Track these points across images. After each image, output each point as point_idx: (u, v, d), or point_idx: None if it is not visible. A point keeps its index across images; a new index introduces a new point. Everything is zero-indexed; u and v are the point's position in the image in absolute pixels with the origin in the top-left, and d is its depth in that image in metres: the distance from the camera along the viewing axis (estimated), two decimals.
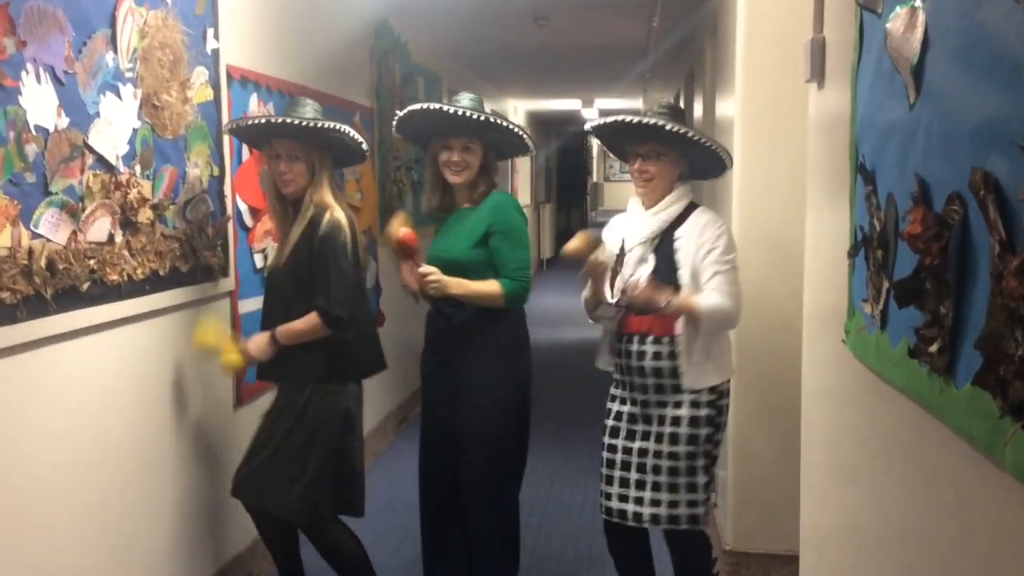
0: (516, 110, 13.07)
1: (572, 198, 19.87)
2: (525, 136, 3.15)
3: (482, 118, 2.99)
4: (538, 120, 15.97)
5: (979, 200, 1.12)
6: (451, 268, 3.01)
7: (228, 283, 3.39)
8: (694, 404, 2.85)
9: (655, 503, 2.86)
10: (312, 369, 2.98)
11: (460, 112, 2.97)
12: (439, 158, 3.10)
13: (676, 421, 2.85)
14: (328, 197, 3.00)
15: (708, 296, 2.77)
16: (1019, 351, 1.00)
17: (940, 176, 1.28)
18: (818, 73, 2.23)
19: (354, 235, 3.02)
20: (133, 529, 2.81)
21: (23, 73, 2.23)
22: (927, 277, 1.31)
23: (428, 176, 3.20)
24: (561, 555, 3.98)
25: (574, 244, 2.90)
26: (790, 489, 2.91)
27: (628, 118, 2.84)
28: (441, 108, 2.99)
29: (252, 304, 3.61)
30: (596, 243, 2.92)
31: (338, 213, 2.99)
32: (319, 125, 2.93)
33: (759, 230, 3.47)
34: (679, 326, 2.82)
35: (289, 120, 2.92)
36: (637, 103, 12.61)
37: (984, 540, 1.17)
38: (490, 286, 3.00)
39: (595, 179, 28.26)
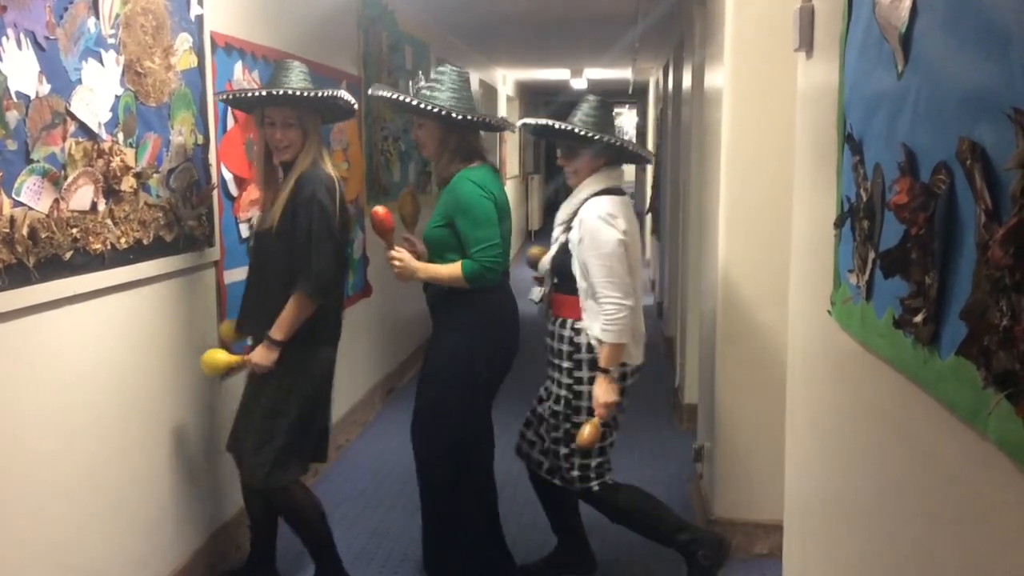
0: (505, 80, 12.99)
1: (560, 169, 19.80)
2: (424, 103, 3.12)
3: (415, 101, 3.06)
4: (527, 90, 15.89)
5: (966, 170, 1.11)
6: (427, 247, 3.17)
7: (213, 253, 3.37)
8: (558, 383, 3.16)
9: (547, 455, 3.29)
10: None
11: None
12: None
13: (548, 394, 3.21)
14: (319, 158, 3.07)
15: (596, 328, 3.01)
16: (1004, 321, 1.00)
17: (927, 146, 1.28)
18: (807, 42, 2.21)
19: (340, 197, 3.06)
20: (120, 499, 2.80)
21: (3, 38, 2.20)
22: (913, 247, 1.31)
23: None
24: (542, 522, 4.00)
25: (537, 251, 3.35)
26: (775, 459, 2.93)
27: (528, 120, 3.23)
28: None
29: (238, 274, 3.58)
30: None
31: (326, 171, 3.05)
32: (316, 95, 2.98)
33: (748, 200, 3.47)
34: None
35: (289, 92, 2.97)
36: (626, 73, 12.54)
37: (966, 509, 1.17)
38: (452, 269, 3.07)
39: None
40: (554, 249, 3.18)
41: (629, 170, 28.55)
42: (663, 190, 7.92)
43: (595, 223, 3.00)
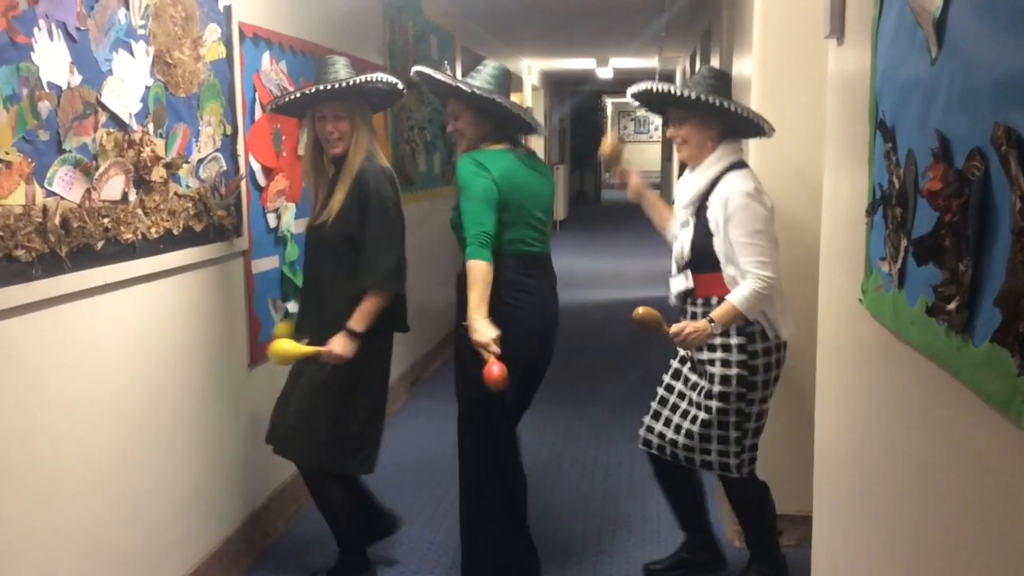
0: (530, 69, 12.98)
1: (586, 159, 19.79)
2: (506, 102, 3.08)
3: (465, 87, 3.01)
4: (552, 80, 15.86)
5: (1001, 155, 1.10)
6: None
7: (242, 243, 3.39)
8: (724, 363, 2.98)
9: (688, 448, 3.09)
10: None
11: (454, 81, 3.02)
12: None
13: (712, 378, 3.01)
14: (374, 149, 3.11)
15: (737, 290, 2.91)
16: None
17: (961, 132, 1.26)
18: (838, 29, 2.19)
19: (395, 187, 3.11)
20: (149, 485, 2.83)
21: (35, 30, 2.22)
22: (946, 234, 1.29)
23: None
24: (574, 514, 4.00)
25: (608, 146, 3.45)
26: (804, 450, 2.91)
27: (637, 88, 3.05)
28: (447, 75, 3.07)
29: (266, 264, 3.61)
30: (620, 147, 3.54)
31: (384, 164, 3.12)
32: (359, 82, 3.01)
33: (776, 189, 3.43)
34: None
35: (333, 86, 3.01)
36: (652, 62, 12.50)
37: (1000, 498, 1.17)
38: (470, 274, 2.95)
39: None
40: (689, 233, 3.05)
41: (655, 160, 28.03)
42: None
43: (744, 201, 2.89)
